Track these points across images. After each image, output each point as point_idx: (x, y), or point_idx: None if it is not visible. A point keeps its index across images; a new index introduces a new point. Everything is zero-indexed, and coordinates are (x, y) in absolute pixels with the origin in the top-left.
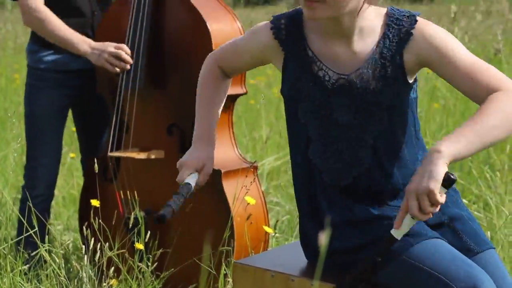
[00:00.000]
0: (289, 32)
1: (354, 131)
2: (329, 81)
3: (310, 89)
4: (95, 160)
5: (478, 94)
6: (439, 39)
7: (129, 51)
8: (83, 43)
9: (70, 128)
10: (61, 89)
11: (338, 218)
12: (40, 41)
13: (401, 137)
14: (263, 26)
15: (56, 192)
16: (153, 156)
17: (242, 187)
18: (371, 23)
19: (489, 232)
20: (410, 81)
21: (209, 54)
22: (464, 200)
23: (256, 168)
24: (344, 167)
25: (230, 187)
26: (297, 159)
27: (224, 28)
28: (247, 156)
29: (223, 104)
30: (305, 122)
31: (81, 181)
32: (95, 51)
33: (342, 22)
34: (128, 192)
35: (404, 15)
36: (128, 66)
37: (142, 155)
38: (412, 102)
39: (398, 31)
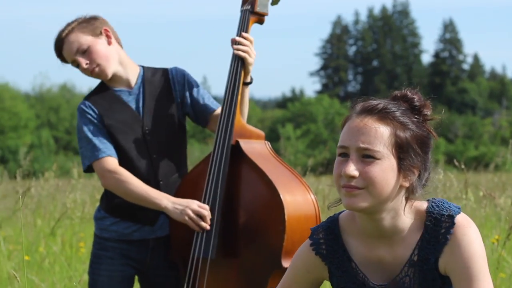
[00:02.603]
0: (329, 246)
1: None
2: None
3: None
4: None
5: None
6: (469, 258)
7: (209, 212)
8: (163, 198)
9: None
10: (123, 260)
11: None
12: (107, 207)
13: None
14: (302, 246)
15: None
16: None
17: None
18: (410, 223)
19: None
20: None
21: None
22: None
23: None
24: None
25: None
26: None
27: (297, 199)
28: None
29: None
30: None
31: None
32: (177, 207)
33: (383, 222)
34: None
35: (443, 215)
36: (208, 227)
37: None
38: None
39: (435, 232)
